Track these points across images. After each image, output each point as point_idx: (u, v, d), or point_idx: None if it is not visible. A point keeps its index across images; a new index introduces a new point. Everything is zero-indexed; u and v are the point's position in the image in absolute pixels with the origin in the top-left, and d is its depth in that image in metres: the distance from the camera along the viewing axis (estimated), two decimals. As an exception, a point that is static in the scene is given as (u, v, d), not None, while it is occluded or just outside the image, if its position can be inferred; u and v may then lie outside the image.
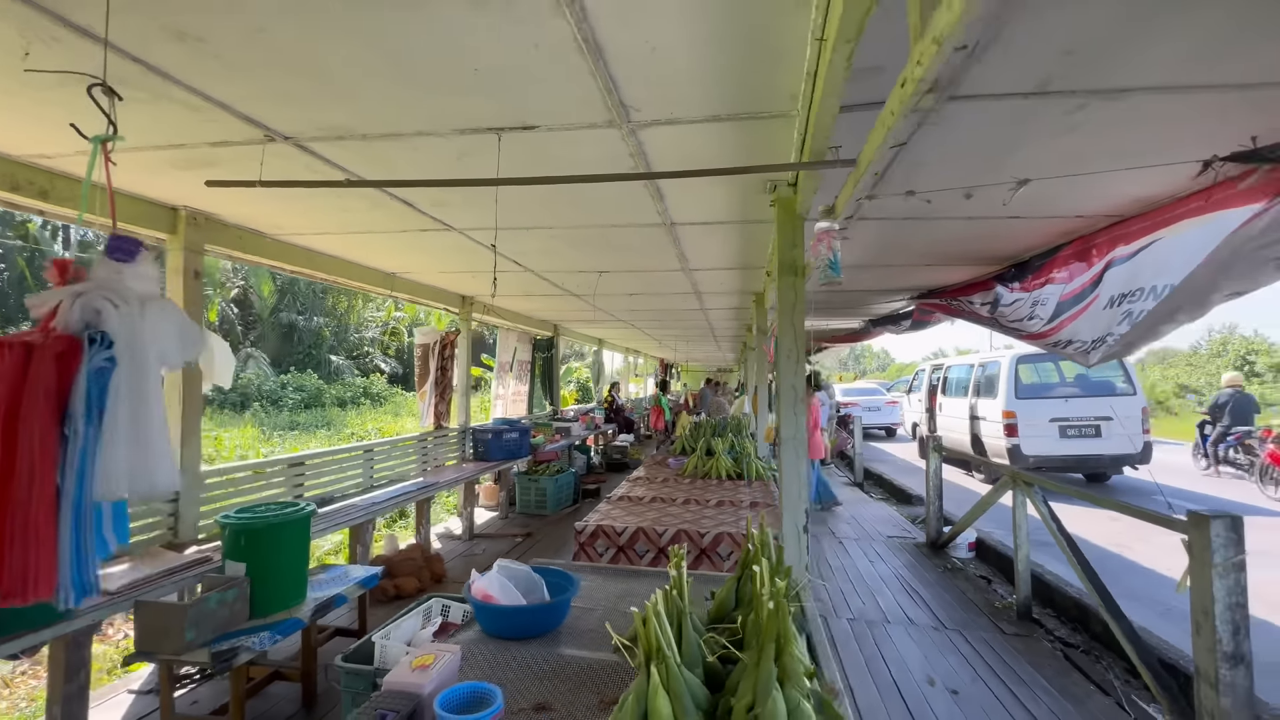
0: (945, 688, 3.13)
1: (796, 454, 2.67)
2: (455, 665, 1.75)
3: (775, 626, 1.43)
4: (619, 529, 3.67)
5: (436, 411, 6.18)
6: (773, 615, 1.44)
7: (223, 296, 25.70)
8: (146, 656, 2.39)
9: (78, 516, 1.44)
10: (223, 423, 16.65)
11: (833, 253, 1.73)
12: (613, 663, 1.75)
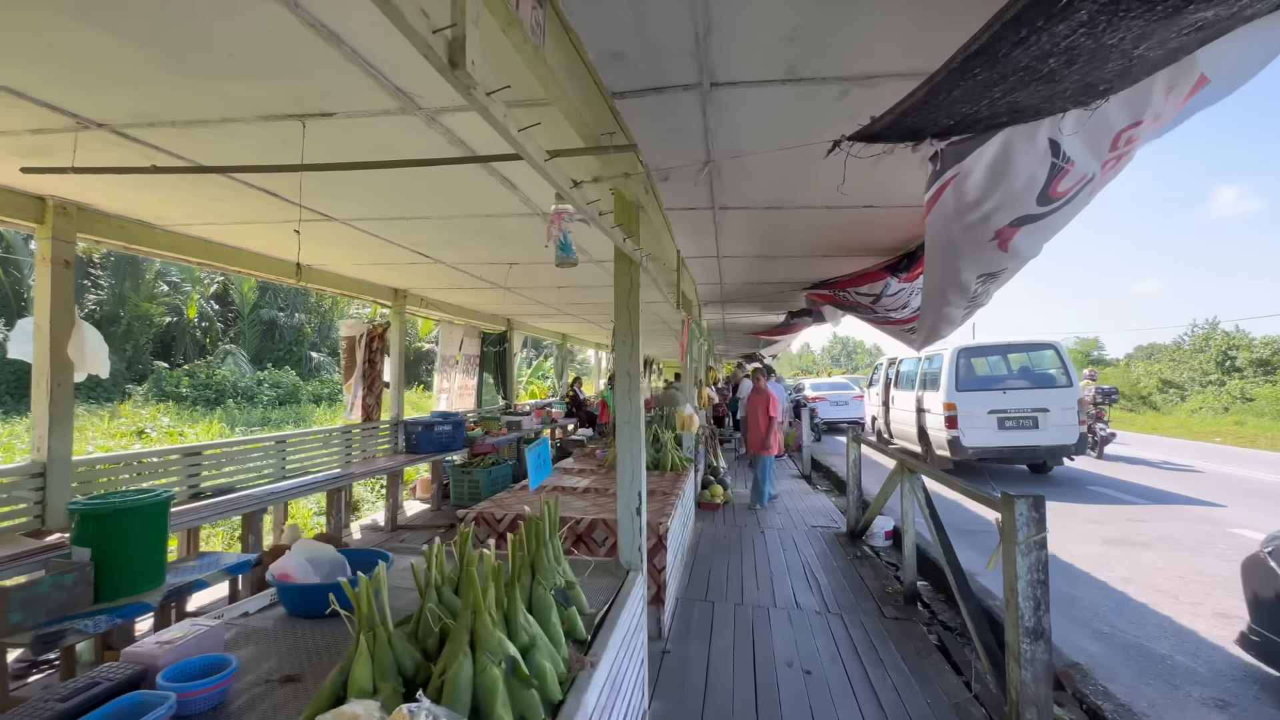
0: (801, 669, 3.19)
1: (631, 437, 2.71)
2: (213, 639, 1.79)
3: (470, 596, 1.48)
4: (499, 516, 3.72)
5: (365, 404, 6.21)
6: (468, 587, 1.49)
7: (201, 293, 25.61)
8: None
9: None
10: (191, 418, 16.60)
11: (563, 234, 1.78)
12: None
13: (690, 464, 5.70)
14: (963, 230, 1.64)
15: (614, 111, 2.15)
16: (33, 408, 3.28)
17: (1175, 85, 1.36)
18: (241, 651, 1.91)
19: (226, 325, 27.29)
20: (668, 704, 2.84)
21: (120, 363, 20.44)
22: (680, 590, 4.26)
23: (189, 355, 24.87)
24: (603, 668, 1.90)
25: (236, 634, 2.08)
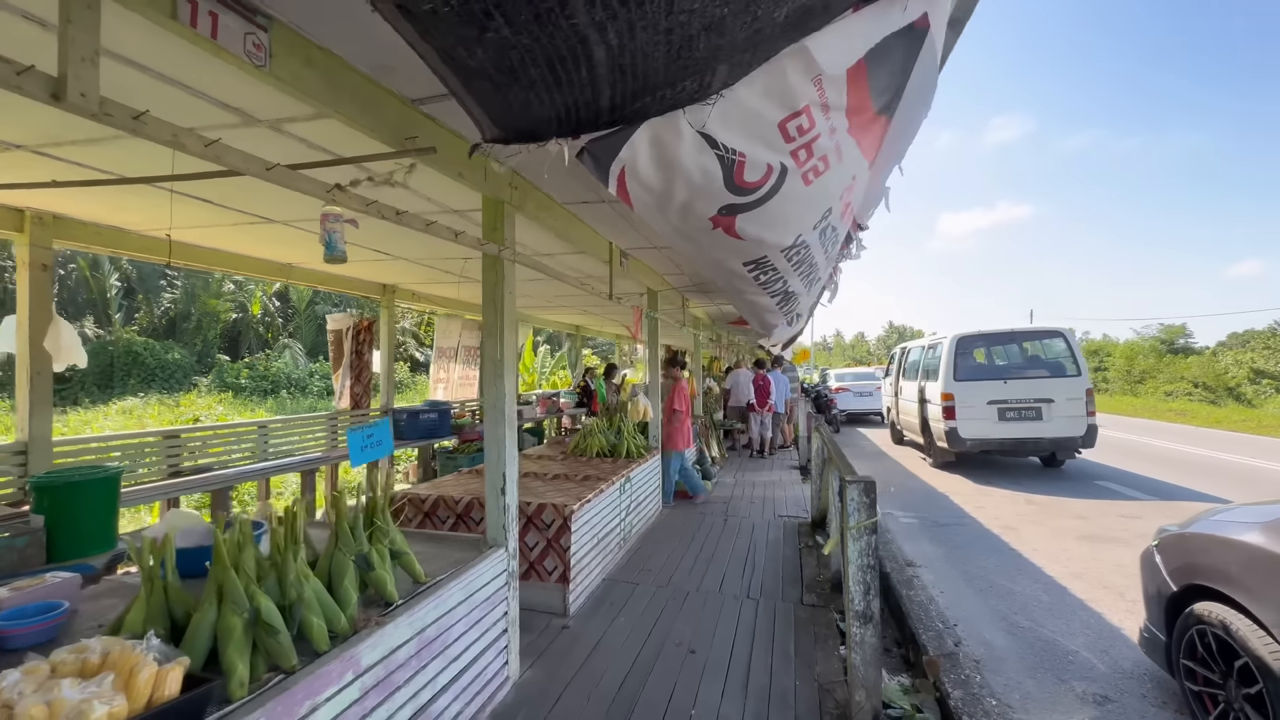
0: (688, 649, 3.28)
1: (497, 422, 2.88)
2: (68, 589, 2.08)
3: (221, 556, 1.69)
4: (457, 498, 3.92)
5: (353, 393, 6.63)
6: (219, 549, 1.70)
7: (264, 290, 27.50)
8: (-65, 587, 2.85)
9: None
10: (246, 407, 17.94)
11: (329, 235, 1.94)
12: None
13: (648, 452, 5.81)
14: (679, 219, 1.69)
15: (428, 116, 2.30)
16: (16, 394, 3.76)
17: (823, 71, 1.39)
18: (103, 602, 2.20)
19: (285, 321, 29.18)
20: (541, 674, 3.00)
21: (190, 356, 22.25)
22: (608, 571, 4.40)
23: (252, 349, 26.74)
24: (401, 629, 2.08)
25: (109, 587, 2.38)
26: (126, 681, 1.36)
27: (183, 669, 1.44)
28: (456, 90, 1.19)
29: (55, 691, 1.29)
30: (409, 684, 2.11)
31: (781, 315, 2.82)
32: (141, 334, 21.89)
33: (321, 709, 1.71)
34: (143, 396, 17.78)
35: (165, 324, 24.01)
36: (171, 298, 24.05)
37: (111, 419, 14.59)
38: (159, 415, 14.66)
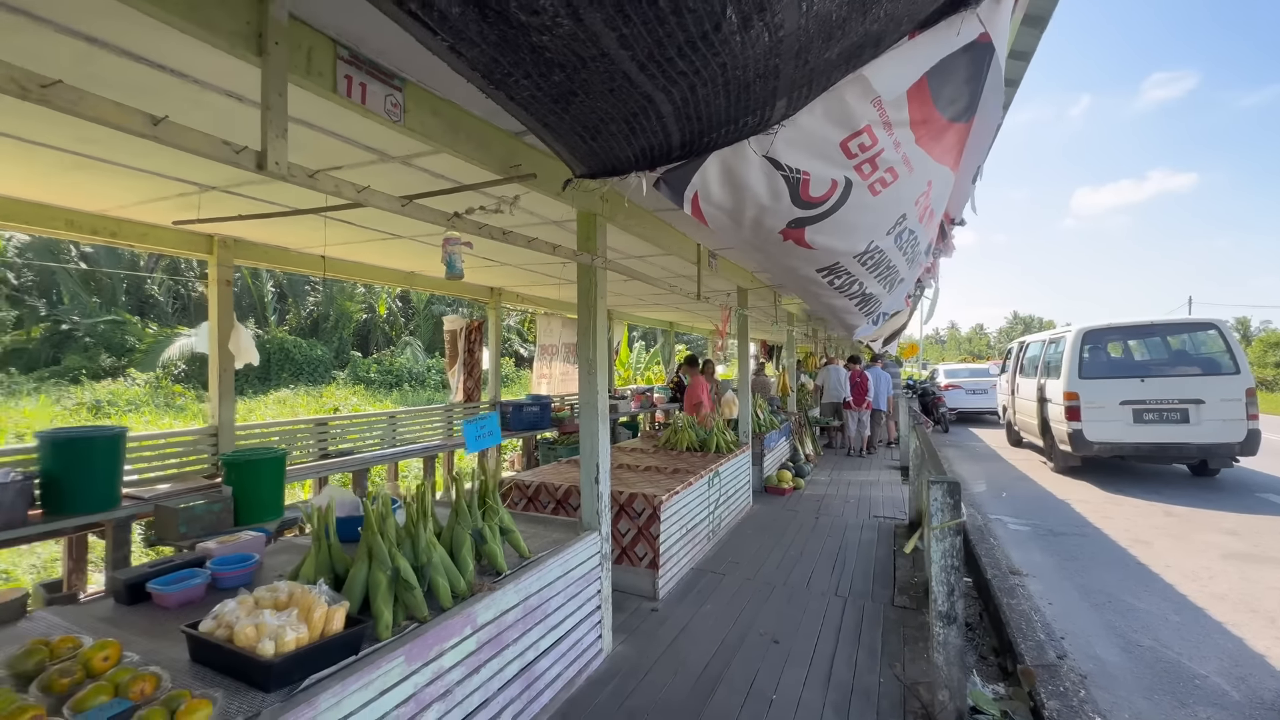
0: (771, 639, 3.38)
1: (590, 418, 3.14)
2: (255, 545, 2.60)
3: (371, 524, 2.05)
4: (556, 485, 4.29)
5: (465, 388, 7.29)
6: (369, 518, 2.06)
7: (389, 294, 30.41)
8: (159, 541, 3.61)
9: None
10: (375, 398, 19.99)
11: (449, 256, 2.23)
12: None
13: (738, 447, 5.90)
14: (752, 234, 1.81)
15: (530, 146, 2.59)
16: (209, 386, 4.60)
17: (880, 94, 1.47)
18: (279, 557, 2.71)
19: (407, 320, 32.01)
20: (632, 650, 3.24)
21: (329, 352, 25.09)
22: (696, 561, 4.57)
23: (379, 346, 29.61)
24: (509, 595, 2.39)
25: (281, 547, 2.90)
26: (306, 616, 1.74)
27: (344, 611, 1.81)
28: (549, 141, 1.41)
29: (260, 617, 1.69)
30: (516, 643, 2.42)
31: (863, 315, 2.83)
32: (291, 333, 25.00)
33: (447, 654, 2.04)
34: (292, 388, 20.37)
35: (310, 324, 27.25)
36: (314, 301, 27.26)
37: (270, 407, 16.88)
38: (306, 405, 16.74)
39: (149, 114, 1.27)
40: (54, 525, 3.39)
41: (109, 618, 2.07)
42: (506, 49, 0.88)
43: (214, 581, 2.24)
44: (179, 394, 16.23)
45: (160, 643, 1.85)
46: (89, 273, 20.32)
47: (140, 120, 1.25)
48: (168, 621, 2.02)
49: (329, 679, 1.67)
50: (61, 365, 17.82)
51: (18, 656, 1.65)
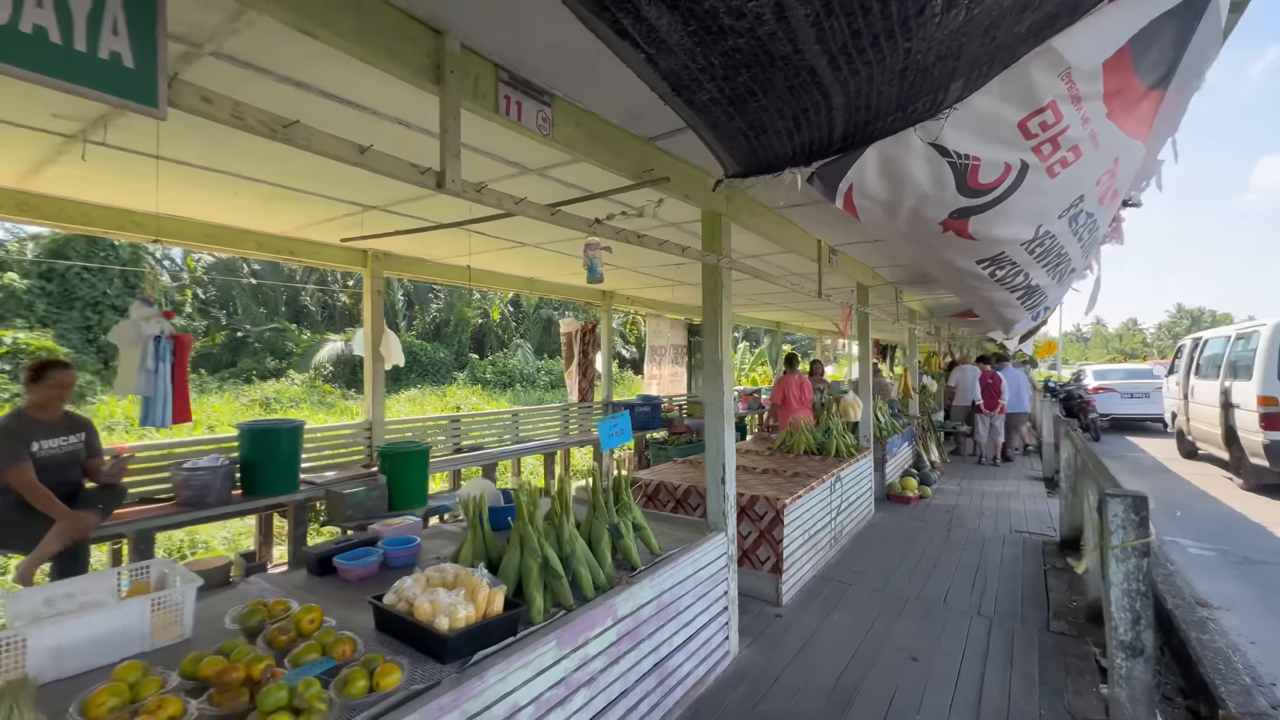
0: (909, 655, 3.19)
1: (716, 418, 3.14)
2: (415, 529, 2.86)
3: (523, 515, 2.19)
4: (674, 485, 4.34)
5: (580, 388, 7.57)
6: (520, 510, 2.20)
7: (501, 299, 32.37)
8: (329, 521, 4.08)
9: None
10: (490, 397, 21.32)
11: (590, 261, 2.30)
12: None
13: (860, 452, 5.63)
14: (908, 226, 1.71)
15: (662, 150, 2.63)
16: (365, 386, 5.13)
17: (1072, 66, 1.33)
18: (432, 541, 2.96)
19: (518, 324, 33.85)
20: (759, 654, 3.19)
21: (450, 355, 27.12)
22: (819, 568, 4.41)
23: (493, 348, 31.54)
24: (645, 590, 2.44)
25: (432, 532, 3.17)
26: (472, 596, 1.89)
27: (503, 594, 1.94)
28: (712, 144, 1.43)
29: (434, 595, 1.85)
30: (651, 638, 2.47)
31: (1024, 310, 2.59)
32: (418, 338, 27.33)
33: (592, 642, 2.13)
34: (420, 388, 22.24)
35: (433, 329, 29.62)
36: (437, 308, 29.61)
37: (402, 405, 18.54)
38: (433, 403, 18.20)
39: (358, 144, 1.44)
40: (250, 504, 3.95)
41: (305, 586, 2.37)
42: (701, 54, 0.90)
43: (386, 560, 2.50)
44: (328, 392, 18.28)
45: (349, 611, 2.08)
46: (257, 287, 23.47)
47: (351, 150, 1.43)
48: (351, 592, 2.28)
49: (494, 656, 1.80)
50: (238, 367, 20.70)
51: (244, 614, 1.94)
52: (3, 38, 0.92)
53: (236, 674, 1.52)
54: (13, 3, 0.93)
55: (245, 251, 4.40)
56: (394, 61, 1.57)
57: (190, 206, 3.62)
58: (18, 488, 2.89)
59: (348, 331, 22.20)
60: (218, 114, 1.18)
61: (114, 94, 1.03)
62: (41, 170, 2.92)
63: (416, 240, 4.66)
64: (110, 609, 1.79)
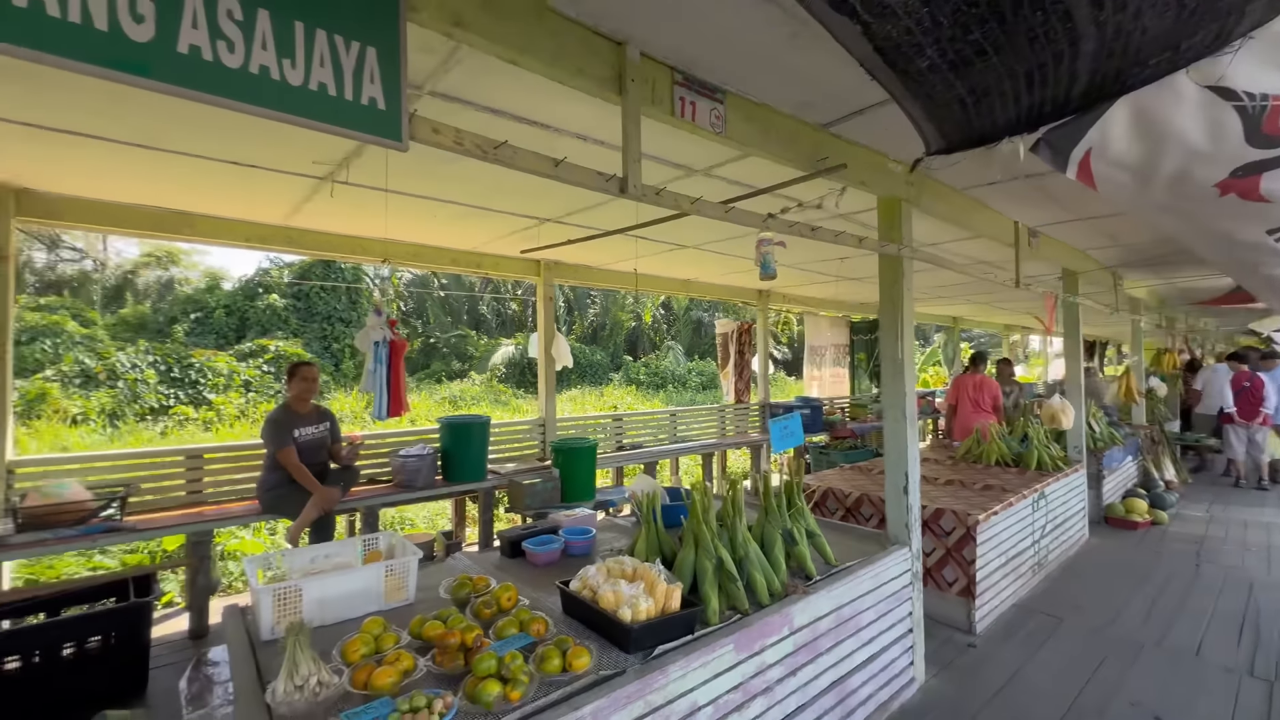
0: (1151, 714, 2.65)
1: (897, 420, 2.88)
2: (590, 521, 3.03)
3: (696, 514, 2.20)
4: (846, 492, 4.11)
5: (736, 389, 7.48)
6: (694, 509, 2.21)
7: (653, 302, 33.34)
8: (511, 509, 4.48)
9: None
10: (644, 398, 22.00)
11: (763, 257, 2.18)
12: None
13: (1070, 465, 4.83)
14: (1166, 193, 1.37)
15: (836, 136, 2.48)
16: (538, 386, 5.57)
17: None
18: (607, 534, 3.10)
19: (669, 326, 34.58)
20: (949, 686, 2.87)
21: (606, 358, 28.52)
22: (1019, 597, 3.85)
23: (645, 350, 32.55)
24: (822, 601, 2.32)
25: (609, 524, 3.31)
26: (651, 590, 1.93)
27: (680, 591, 1.96)
28: (918, 118, 1.31)
29: (617, 585, 1.93)
30: (829, 653, 2.33)
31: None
32: (577, 341, 29.15)
33: (769, 650, 2.07)
34: (579, 388, 23.69)
35: (590, 332, 31.42)
36: (594, 312, 31.36)
37: (564, 404, 19.90)
38: (593, 403, 19.28)
39: (553, 159, 1.54)
40: (449, 489, 4.47)
41: (499, 565, 2.62)
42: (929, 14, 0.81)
43: (566, 548, 2.67)
44: (503, 391, 20.24)
45: (538, 592, 2.25)
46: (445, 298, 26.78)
47: (547, 164, 1.53)
48: (538, 575, 2.47)
49: (674, 652, 1.82)
50: (430, 369, 23.79)
51: (455, 586, 2.18)
52: (298, 97, 1.13)
53: (454, 639, 1.71)
54: (304, 65, 1.13)
55: (443, 266, 5.01)
56: (581, 77, 1.66)
57: (403, 230, 4.21)
58: (285, 466, 3.58)
59: (518, 336, 24.32)
60: (444, 142, 1.34)
61: (371, 133, 1.22)
62: (301, 208, 3.59)
63: (585, 248, 4.95)
64: (357, 571, 2.12)
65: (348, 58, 1.18)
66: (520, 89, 2.10)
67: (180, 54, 1.00)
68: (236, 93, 1.06)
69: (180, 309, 17.42)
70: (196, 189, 3.26)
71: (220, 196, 3.40)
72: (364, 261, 5.35)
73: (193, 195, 3.40)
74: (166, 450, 4.10)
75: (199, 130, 2.44)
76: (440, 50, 1.80)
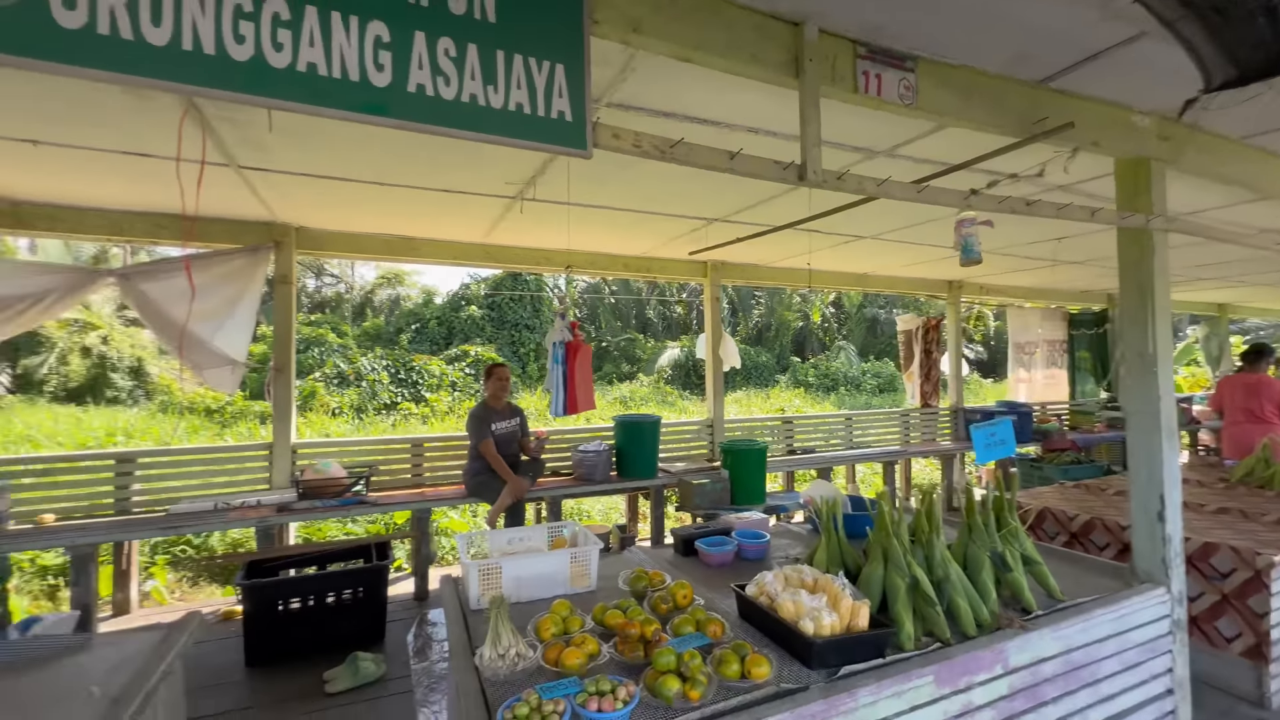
0: None
1: (1148, 431, 2.34)
2: (760, 523, 2.95)
3: (884, 526, 2.01)
4: (1071, 515, 3.47)
5: (923, 391, 6.77)
6: (881, 519, 2.02)
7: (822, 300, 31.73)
8: (681, 507, 4.54)
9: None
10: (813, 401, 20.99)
11: (964, 240, 1.86)
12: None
13: None
14: None
15: (1058, 91, 2.10)
16: (706, 386, 5.58)
17: None
18: (781, 540, 2.98)
19: (839, 325, 32.63)
20: (1232, 770, 2.26)
21: (771, 359, 27.78)
22: (1343, 669, 2.90)
23: (814, 350, 31.08)
24: (1046, 641, 1.99)
25: (782, 529, 3.19)
26: (834, 604, 1.80)
27: (867, 609, 1.79)
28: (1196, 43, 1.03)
29: (798, 595, 1.83)
30: (1055, 704, 1.97)
31: None
32: (742, 342, 28.82)
33: (976, 690, 1.80)
34: (744, 390, 23.37)
35: (755, 333, 30.86)
36: (759, 312, 30.75)
37: (730, 406, 19.79)
38: (759, 405, 18.91)
39: (728, 151, 1.51)
40: (622, 485, 4.68)
41: (673, 561, 2.65)
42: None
43: (739, 550, 2.62)
44: (669, 392, 20.75)
45: (712, 592, 2.23)
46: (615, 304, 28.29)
47: (723, 158, 1.50)
48: (711, 575, 2.44)
49: (862, 675, 1.67)
50: (602, 371, 25.26)
51: (633, 579, 2.25)
52: (499, 118, 1.24)
53: (634, 630, 1.76)
54: (504, 89, 1.24)
55: (616, 272, 5.27)
56: (756, 65, 1.60)
57: (582, 239, 4.51)
58: (485, 456, 4.03)
59: (683, 339, 24.79)
60: (624, 145, 1.38)
61: (560, 144, 1.29)
62: (496, 226, 4.02)
63: (753, 246, 4.85)
64: (547, 555, 2.29)
65: (540, 77, 1.27)
66: (691, 88, 2.10)
67: (409, 93, 1.16)
68: (451, 120, 1.20)
69: (404, 321, 20.76)
70: (416, 216, 3.82)
71: (433, 221, 3.95)
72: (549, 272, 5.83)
73: (413, 222, 4.00)
74: (397, 439, 4.87)
75: (416, 164, 2.86)
76: (616, 61, 1.87)
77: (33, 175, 3.00)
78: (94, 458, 3.92)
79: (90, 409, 12.56)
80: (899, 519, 2.05)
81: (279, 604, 3.10)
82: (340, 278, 24.36)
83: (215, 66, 1.00)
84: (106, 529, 3.43)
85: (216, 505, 3.69)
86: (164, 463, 3.95)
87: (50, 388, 13.35)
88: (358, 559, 3.57)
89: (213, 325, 3.72)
